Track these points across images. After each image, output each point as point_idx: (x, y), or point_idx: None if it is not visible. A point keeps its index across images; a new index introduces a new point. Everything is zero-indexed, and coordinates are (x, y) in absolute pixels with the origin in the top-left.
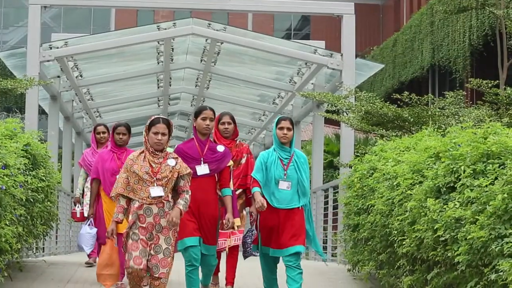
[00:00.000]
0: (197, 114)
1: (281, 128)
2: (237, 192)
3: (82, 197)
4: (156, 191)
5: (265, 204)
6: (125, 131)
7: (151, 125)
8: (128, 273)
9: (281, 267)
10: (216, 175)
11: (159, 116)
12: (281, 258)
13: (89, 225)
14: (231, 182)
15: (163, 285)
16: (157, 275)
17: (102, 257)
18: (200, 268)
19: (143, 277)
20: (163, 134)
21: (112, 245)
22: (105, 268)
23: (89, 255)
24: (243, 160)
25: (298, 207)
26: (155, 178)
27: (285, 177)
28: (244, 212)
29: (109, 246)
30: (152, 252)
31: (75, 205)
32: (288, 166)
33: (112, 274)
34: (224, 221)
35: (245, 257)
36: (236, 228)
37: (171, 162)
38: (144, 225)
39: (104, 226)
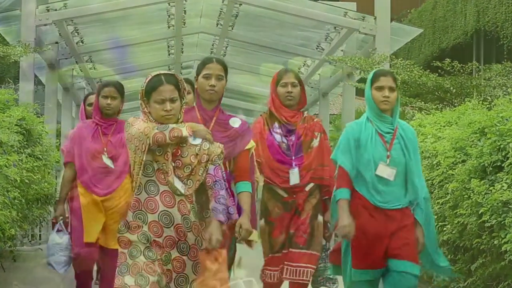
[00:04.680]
0: (198, 70)
1: (380, 88)
2: (307, 188)
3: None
4: (179, 184)
5: (353, 231)
6: (116, 94)
7: (151, 90)
8: None
9: None
10: (228, 162)
11: (159, 73)
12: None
13: (57, 231)
14: (253, 174)
15: None
16: None
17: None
18: None
19: None
20: (171, 100)
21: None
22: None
23: None
24: (315, 143)
25: (406, 207)
26: (173, 165)
27: (387, 160)
28: (320, 219)
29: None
30: (172, 285)
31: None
32: (392, 144)
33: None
34: (236, 228)
35: None
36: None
37: (194, 140)
38: (159, 240)
39: (82, 234)
